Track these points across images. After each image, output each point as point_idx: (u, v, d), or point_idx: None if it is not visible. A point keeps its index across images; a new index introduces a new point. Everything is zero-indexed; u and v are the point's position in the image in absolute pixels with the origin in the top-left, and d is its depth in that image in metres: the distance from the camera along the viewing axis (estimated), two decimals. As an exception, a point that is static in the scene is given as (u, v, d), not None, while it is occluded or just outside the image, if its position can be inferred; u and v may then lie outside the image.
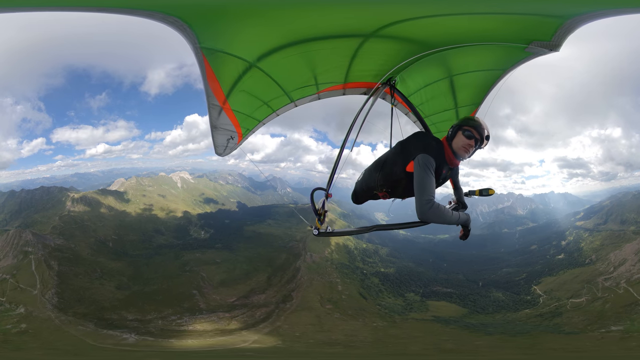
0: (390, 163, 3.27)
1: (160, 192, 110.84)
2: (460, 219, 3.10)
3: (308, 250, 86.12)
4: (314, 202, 3.40)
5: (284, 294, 71.19)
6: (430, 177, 2.88)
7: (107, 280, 67.52)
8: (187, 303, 61.95)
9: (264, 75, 3.09)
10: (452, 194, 4.06)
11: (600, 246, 75.82)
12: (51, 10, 1.75)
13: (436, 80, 3.82)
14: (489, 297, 70.91)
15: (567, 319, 54.79)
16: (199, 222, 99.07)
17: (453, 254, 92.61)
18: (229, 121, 3.73)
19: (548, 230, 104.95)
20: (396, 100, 4.02)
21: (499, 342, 47.90)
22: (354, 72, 3.47)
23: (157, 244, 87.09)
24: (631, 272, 61.78)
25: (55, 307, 56.47)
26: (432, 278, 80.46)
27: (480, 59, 3.24)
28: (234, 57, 2.67)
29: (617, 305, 53.61)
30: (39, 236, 67.23)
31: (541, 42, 2.41)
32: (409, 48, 2.91)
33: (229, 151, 4.49)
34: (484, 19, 2.34)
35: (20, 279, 58.81)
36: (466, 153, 3.13)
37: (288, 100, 3.88)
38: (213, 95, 3.06)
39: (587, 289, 62.62)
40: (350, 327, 58.03)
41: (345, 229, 3.46)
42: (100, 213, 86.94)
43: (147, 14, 1.92)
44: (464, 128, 3.09)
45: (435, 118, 4.49)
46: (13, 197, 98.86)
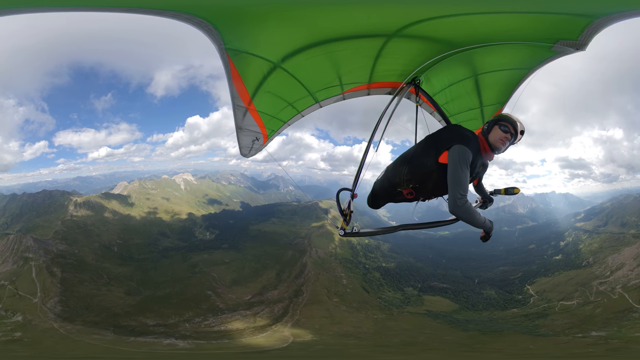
0: (419, 155, 3.00)
1: (164, 194, 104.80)
2: (486, 224, 2.96)
3: (313, 246, 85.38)
4: (340, 202, 3.25)
5: (294, 288, 70.16)
6: (466, 170, 2.70)
7: (115, 286, 62.09)
8: (205, 304, 59.14)
9: (289, 76, 2.96)
10: (475, 191, 3.87)
11: (599, 249, 71.99)
12: (75, 10, 1.67)
13: (461, 80, 3.63)
14: (482, 294, 69.50)
15: (550, 321, 51.67)
16: (203, 224, 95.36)
17: (452, 251, 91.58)
18: (254, 122, 3.56)
19: (547, 230, 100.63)
20: (421, 100, 3.80)
21: (465, 339, 46.46)
22: (378, 72, 3.31)
23: (162, 246, 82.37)
24: (628, 278, 57.22)
25: (58, 316, 51.32)
26: (431, 273, 79.61)
27: (505, 57, 3.08)
28: (259, 58, 2.57)
29: (608, 311, 49.81)
30: (41, 242, 60.71)
31: (567, 41, 2.32)
32: (433, 47, 2.77)
33: (254, 152, 4.31)
34: (510, 18, 2.25)
35: (20, 286, 53.33)
36: (503, 145, 3.00)
37: (313, 101, 3.69)
38: (238, 96, 2.92)
39: (580, 292, 59.31)
40: (355, 319, 58.44)
41: (371, 228, 3.19)
42: (104, 217, 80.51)
43: (173, 15, 1.86)
44: (501, 123, 3.00)
45: (461, 117, 4.30)
46: (14, 200, 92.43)
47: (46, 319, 48.78)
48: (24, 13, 1.56)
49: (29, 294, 52.30)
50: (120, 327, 48.82)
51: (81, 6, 1.68)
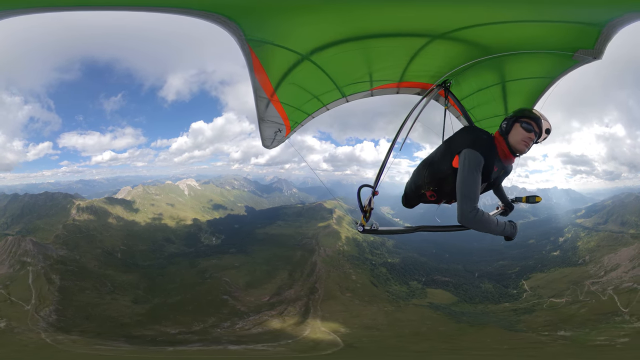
0: (437, 159, 2.79)
1: (168, 200, 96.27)
2: (506, 230, 2.55)
3: (321, 245, 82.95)
4: (361, 199, 2.96)
5: (309, 286, 67.30)
6: (475, 176, 2.37)
7: (120, 294, 53.87)
8: (225, 308, 53.86)
9: (317, 69, 2.73)
10: (496, 195, 3.57)
11: (596, 247, 68.61)
12: (95, 10, 1.57)
13: (490, 85, 3.41)
14: (480, 287, 67.75)
15: (533, 318, 49.53)
16: (209, 229, 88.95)
17: (455, 246, 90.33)
18: (277, 114, 3.32)
19: (547, 226, 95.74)
20: (449, 103, 3.54)
21: (454, 330, 46.01)
22: (411, 71, 3.12)
23: (168, 253, 74.96)
24: (621, 279, 53.63)
25: (51, 325, 43.59)
26: (434, 268, 78.16)
27: (532, 66, 2.95)
28: (285, 49, 2.34)
29: (592, 312, 46.98)
30: (40, 246, 51.80)
31: (586, 50, 2.27)
32: (470, 52, 2.65)
33: (277, 144, 4.12)
34: (534, 27, 2.16)
35: (13, 291, 45.38)
36: (526, 147, 2.56)
37: (340, 95, 3.44)
38: (261, 87, 2.71)
39: (571, 290, 56.18)
40: (369, 311, 57.89)
41: (390, 227, 2.82)
42: (107, 222, 71.71)
43: (195, 13, 1.71)
44: (522, 120, 2.54)
45: (486, 123, 3.96)
46: (16, 200, 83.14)
47: (33, 328, 41.45)
48: (39, 12, 1.39)
49: (21, 300, 44.45)
50: (133, 337, 42.06)
51: (101, 5, 1.55)
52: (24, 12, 1.35)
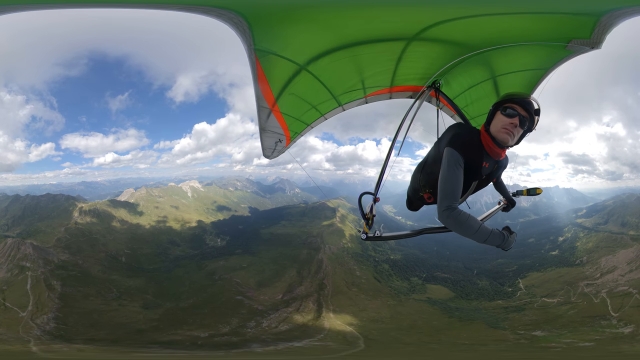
0: (430, 162, 2.67)
1: (172, 202, 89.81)
2: (490, 240, 2.11)
3: (326, 243, 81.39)
4: (362, 206, 2.84)
5: (317, 283, 66.19)
6: (453, 174, 2.15)
7: (128, 299, 48.54)
8: (243, 309, 50.57)
9: (313, 79, 2.75)
10: (496, 190, 3.36)
11: (594, 248, 64.84)
12: (109, 7, 1.51)
13: (480, 82, 3.28)
14: (477, 284, 66.37)
15: (520, 316, 47.96)
16: (213, 231, 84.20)
17: (456, 243, 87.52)
18: (278, 124, 3.28)
19: (548, 224, 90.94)
20: (441, 103, 3.47)
21: (444, 324, 46.00)
22: (400, 75, 3.08)
23: (173, 256, 69.71)
24: (616, 283, 50.33)
25: (47, 333, 38.48)
26: (435, 264, 77.34)
27: (522, 58, 2.77)
28: (285, 59, 2.37)
29: (580, 314, 44.55)
30: (41, 250, 45.71)
31: (581, 39, 2.08)
32: (452, 50, 2.56)
33: (277, 154, 4.04)
34: (521, 19, 2.03)
35: (9, 297, 40.34)
36: (508, 136, 2.21)
37: (336, 104, 3.42)
38: (263, 97, 2.70)
39: (565, 290, 53.27)
40: (374, 305, 58.38)
41: (394, 232, 2.86)
42: (111, 226, 65.20)
43: (215, 12, 1.69)
44: (504, 105, 2.23)
45: (481, 119, 3.53)
46: (17, 201, 76.20)
47: (25, 335, 36.50)
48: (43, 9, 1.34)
49: (17, 307, 39.44)
50: (162, 343, 37.69)
51: (115, 2, 1.48)
52: (27, 8, 1.27)
